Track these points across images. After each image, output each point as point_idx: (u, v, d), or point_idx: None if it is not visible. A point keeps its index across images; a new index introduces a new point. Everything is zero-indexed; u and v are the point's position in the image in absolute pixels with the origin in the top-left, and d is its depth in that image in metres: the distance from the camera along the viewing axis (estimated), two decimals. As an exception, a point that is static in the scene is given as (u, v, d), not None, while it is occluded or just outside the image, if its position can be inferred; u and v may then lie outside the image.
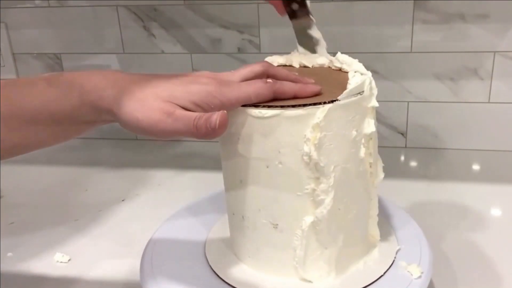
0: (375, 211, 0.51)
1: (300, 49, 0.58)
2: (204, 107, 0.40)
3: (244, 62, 0.92)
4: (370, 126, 0.47)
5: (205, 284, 0.49)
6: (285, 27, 0.57)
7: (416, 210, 0.62)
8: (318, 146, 0.43)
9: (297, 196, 0.45)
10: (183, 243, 0.56)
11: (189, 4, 0.91)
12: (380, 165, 0.50)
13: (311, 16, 0.57)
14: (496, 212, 0.71)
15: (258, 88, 0.43)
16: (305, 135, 0.43)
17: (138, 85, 0.40)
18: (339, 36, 0.87)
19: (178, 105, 0.39)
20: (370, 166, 0.49)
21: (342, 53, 0.53)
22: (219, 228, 0.57)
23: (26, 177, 0.86)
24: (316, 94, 0.45)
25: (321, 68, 0.55)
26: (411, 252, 0.51)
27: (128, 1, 0.93)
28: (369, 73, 0.47)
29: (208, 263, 0.52)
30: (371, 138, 0.48)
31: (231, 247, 0.54)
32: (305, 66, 0.55)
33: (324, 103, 0.43)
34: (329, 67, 0.54)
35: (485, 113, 0.87)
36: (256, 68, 0.46)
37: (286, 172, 0.45)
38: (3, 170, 0.89)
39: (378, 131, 0.49)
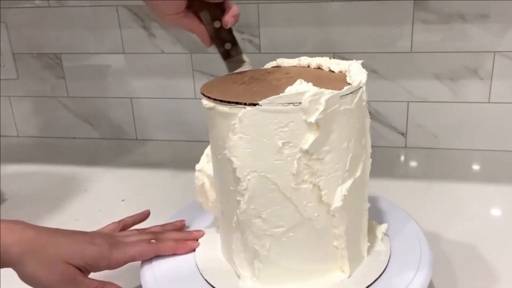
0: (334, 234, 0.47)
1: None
2: (94, 266, 0.49)
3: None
4: (307, 142, 0.42)
5: (204, 284, 0.49)
6: (285, 27, 0.57)
7: (416, 210, 0.62)
8: (233, 146, 0.43)
9: (231, 190, 0.46)
10: (183, 243, 0.56)
11: (189, 4, 0.91)
12: (339, 192, 0.45)
13: (243, 56, 0.56)
14: (496, 212, 0.71)
15: (142, 249, 0.51)
16: (229, 133, 0.44)
17: (41, 245, 0.47)
18: (339, 36, 0.87)
19: (73, 264, 0.47)
20: (320, 189, 0.44)
21: (342, 53, 0.53)
22: (217, 230, 0.57)
23: (26, 177, 0.86)
24: (193, 250, 0.53)
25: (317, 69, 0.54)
26: (410, 253, 0.51)
27: (128, 1, 0.93)
28: (336, 92, 0.42)
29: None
30: (314, 157, 0.43)
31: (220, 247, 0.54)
32: (308, 66, 0.55)
33: (245, 104, 0.42)
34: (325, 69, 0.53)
35: (485, 113, 0.87)
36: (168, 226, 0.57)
37: (222, 165, 0.46)
38: (3, 170, 0.89)
39: (378, 131, 0.48)
